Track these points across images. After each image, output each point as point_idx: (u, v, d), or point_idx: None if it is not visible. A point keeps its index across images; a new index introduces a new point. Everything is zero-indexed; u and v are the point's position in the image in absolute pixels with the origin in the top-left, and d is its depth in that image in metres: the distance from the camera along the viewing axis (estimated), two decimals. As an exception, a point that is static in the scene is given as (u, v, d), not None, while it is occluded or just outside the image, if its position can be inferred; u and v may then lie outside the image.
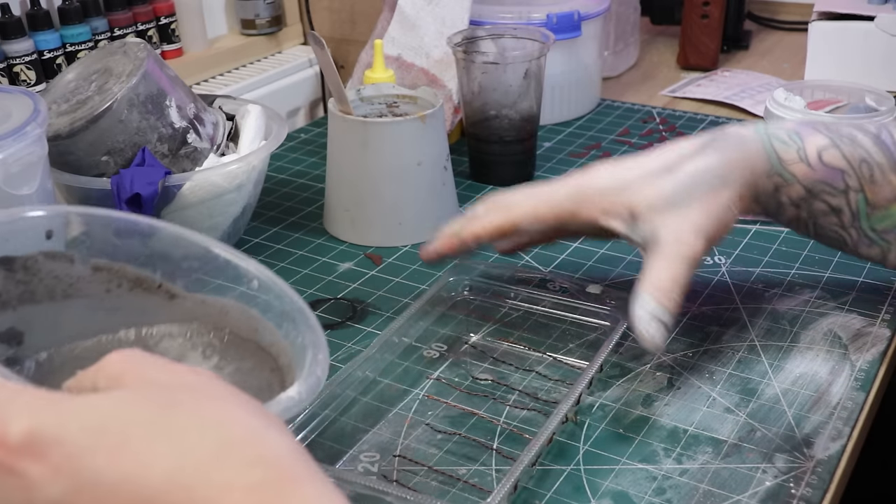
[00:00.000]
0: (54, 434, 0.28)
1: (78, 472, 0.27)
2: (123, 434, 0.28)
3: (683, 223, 0.51)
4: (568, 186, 0.54)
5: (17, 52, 0.75)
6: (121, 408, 0.29)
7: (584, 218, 0.53)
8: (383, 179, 0.69)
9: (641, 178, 0.52)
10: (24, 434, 0.28)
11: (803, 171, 0.53)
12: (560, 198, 0.54)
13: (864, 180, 0.53)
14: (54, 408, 0.29)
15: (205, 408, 0.29)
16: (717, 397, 0.53)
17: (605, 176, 0.54)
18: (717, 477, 0.47)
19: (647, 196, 0.52)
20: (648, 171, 0.53)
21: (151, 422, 0.28)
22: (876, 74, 0.94)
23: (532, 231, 0.55)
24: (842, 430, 0.50)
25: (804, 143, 0.54)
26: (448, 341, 0.58)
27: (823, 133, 0.54)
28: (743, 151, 0.53)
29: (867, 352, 0.56)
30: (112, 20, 0.82)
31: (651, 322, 0.49)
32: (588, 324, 0.58)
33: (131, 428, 0.28)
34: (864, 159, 0.53)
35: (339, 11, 0.99)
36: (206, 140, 0.66)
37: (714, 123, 0.93)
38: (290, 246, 0.72)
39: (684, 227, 0.51)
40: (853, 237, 0.55)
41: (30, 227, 0.42)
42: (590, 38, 0.93)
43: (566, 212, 0.54)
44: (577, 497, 0.46)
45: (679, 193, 0.51)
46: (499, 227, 0.55)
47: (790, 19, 1.22)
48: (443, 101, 0.71)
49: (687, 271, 0.50)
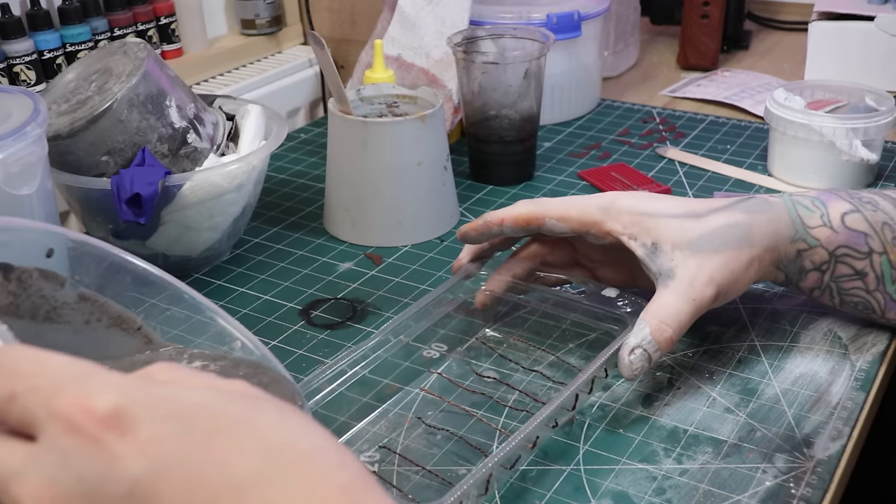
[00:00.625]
0: (143, 413, 0.28)
1: (164, 455, 0.28)
2: (213, 425, 0.28)
3: (701, 269, 0.52)
4: (600, 200, 0.56)
5: (17, 52, 0.75)
6: (208, 400, 0.29)
7: (607, 230, 0.55)
8: (383, 179, 0.69)
9: (671, 216, 0.54)
10: (113, 407, 0.28)
11: (827, 235, 0.54)
12: (590, 206, 0.56)
13: (887, 243, 0.54)
14: (143, 389, 0.29)
15: (284, 411, 0.30)
16: (717, 397, 0.53)
17: (638, 203, 0.55)
18: (717, 477, 0.47)
19: (673, 233, 0.53)
20: (678, 213, 0.54)
21: (239, 418, 0.29)
22: (876, 74, 0.94)
23: (556, 232, 0.57)
24: (842, 430, 0.50)
25: (828, 209, 0.55)
26: (448, 341, 0.58)
27: (846, 199, 0.56)
28: (769, 215, 0.54)
29: (867, 352, 0.56)
30: (112, 20, 0.82)
31: (637, 350, 0.50)
32: (597, 326, 0.58)
33: (220, 420, 0.29)
34: (886, 222, 0.55)
35: (339, 11, 0.99)
36: (206, 140, 0.66)
37: (714, 123, 0.93)
38: (290, 246, 0.72)
39: (701, 273, 0.52)
40: (880, 302, 0.56)
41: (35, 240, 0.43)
42: (590, 38, 0.93)
43: (593, 220, 0.55)
44: (577, 497, 0.46)
45: (703, 240, 0.53)
46: (526, 216, 0.57)
47: (790, 19, 1.22)
48: (443, 101, 0.71)
49: (692, 313, 0.52)
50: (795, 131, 0.76)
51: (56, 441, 0.28)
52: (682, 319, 0.51)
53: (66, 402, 0.28)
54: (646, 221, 0.54)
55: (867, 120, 0.74)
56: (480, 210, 0.77)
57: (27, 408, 0.29)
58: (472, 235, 0.59)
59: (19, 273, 0.41)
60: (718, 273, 0.52)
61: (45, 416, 0.28)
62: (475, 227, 0.58)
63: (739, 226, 0.53)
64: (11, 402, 0.29)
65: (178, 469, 0.27)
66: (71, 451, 0.27)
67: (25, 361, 0.30)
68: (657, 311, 0.51)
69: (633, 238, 0.54)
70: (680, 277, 0.52)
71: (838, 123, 0.74)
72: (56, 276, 0.42)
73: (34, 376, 0.29)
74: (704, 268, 0.52)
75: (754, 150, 0.86)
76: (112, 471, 0.27)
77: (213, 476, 0.28)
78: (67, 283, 0.43)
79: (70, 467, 0.27)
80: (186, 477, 0.27)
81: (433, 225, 0.72)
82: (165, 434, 0.28)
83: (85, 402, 0.28)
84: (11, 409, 0.29)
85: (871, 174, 0.77)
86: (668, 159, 0.85)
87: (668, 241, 0.53)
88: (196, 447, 0.28)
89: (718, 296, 0.52)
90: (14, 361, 0.30)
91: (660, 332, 0.51)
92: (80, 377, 0.29)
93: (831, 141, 0.74)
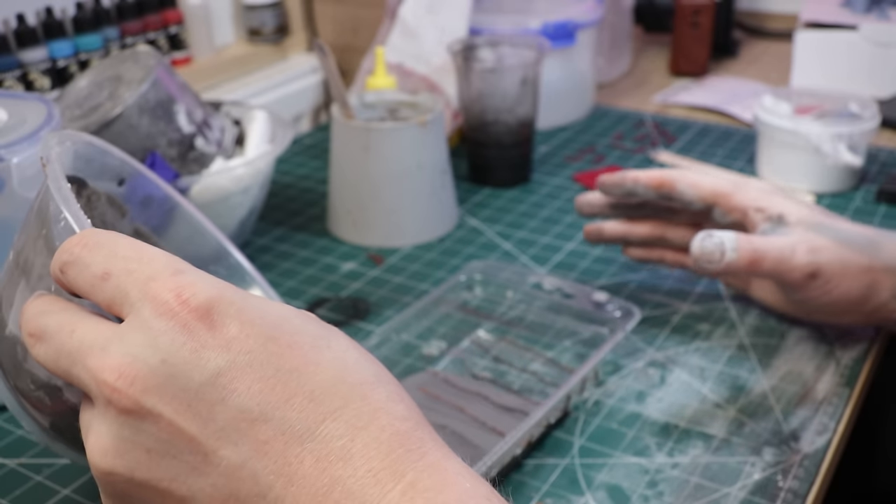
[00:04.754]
0: (234, 312, 0.29)
1: (248, 353, 0.28)
2: (293, 339, 0.29)
3: (812, 241, 0.51)
4: (733, 176, 0.57)
5: (31, 59, 0.76)
6: (291, 316, 0.30)
7: (734, 203, 0.55)
8: (385, 182, 0.70)
9: (803, 204, 0.54)
10: (207, 301, 0.29)
11: None
12: (723, 179, 0.56)
13: None
14: (235, 292, 0.30)
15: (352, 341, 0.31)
16: (708, 393, 0.53)
17: (770, 186, 0.56)
18: (707, 470, 0.47)
19: (802, 213, 0.53)
20: (811, 206, 0.55)
21: (317, 336, 0.30)
22: (859, 82, 0.95)
23: (685, 198, 0.57)
24: (827, 424, 0.51)
25: None
26: (448, 339, 0.59)
27: None
28: None
29: (852, 349, 0.57)
30: (123, 29, 0.83)
31: (716, 238, 0.51)
32: (588, 329, 0.59)
33: (300, 336, 0.30)
34: None
35: (342, 20, 0.99)
36: (214, 144, 0.67)
37: (705, 129, 0.94)
38: (295, 247, 0.72)
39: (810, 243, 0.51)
40: None
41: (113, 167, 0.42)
42: (584, 46, 0.94)
43: (723, 191, 0.56)
44: (572, 490, 0.46)
45: (828, 229, 0.53)
46: (660, 178, 0.57)
47: (777, 29, 1.23)
48: (442, 107, 0.72)
49: (779, 258, 0.51)
50: (783, 136, 0.77)
51: (147, 321, 0.28)
52: (768, 251, 0.51)
53: (162, 288, 0.28)
54: (777, 198, 0.54)
55: (851, 125, 0.75)
56: (480, 211, 0.77)
57: (120, 287, 0.29)
58: (606, 184, 0.59)
59: (90, 192, 0.41)
60: (827, 254, 0.51)
61: (139, 298, 0.29)
62: (612, 178, 0.59)
63: (868, 236, 0.53)
64: (105, 279, 0.29)
65: (258, 369, 0.28)
66: (161, 333, 0.28)
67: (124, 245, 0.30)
68: (752, 238, 0.51)
69: (759, 210, 0.54)
70: (789, 234, 0.52)
71: (824, 129, 0.75)
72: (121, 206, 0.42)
73: (131, 260, 0.29)
74: (816, 242, 0.51)
75: (743, 153, 0.87)
76: (197, 359, 0.28)
77: (290, 381, 0.28)
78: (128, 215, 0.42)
79: (157, 348, 0.28)
80: (265, 377, 0.28)
81: (433, 226, 0.73)
82: (251, 335, 0.29)
83: (182, 291, 0.28)
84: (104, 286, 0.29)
85: (856, 177, 0.78)
86: (660, 163, 0.86)
87: (795, 215, 0.53)
88: (277, 353, 0.29)
89: (815, 275, 0.51)
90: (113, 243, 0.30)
91: (747, 241, 0.50)
92: (176, 270, 0.29)
93: (817, 146, 0.75)
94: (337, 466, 0.28)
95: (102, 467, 0.29)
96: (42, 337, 0.30)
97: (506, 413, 0.51)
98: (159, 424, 0.28)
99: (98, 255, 0.30)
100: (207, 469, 0.28)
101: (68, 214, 0.32)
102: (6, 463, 0.49)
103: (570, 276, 0.67)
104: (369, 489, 0.27)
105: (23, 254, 0.35)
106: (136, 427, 0.28)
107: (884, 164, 0.83)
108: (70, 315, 0.30)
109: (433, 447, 0.29)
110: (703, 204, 0.57)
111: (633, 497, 0.46)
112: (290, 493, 0.28)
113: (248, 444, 0.28)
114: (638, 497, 0.46)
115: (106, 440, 0.29)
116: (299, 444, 0.28)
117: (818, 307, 0.54)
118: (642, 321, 0.61)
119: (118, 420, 0.28)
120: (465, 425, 0.50)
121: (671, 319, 0.61)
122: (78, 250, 0.30)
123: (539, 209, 0.78)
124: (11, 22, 0.75)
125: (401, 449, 0.28)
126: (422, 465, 0.28)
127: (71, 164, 0.40)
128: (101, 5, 0.81)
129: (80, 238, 0.31)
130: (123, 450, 0.28)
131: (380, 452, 0.28)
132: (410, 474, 0.28)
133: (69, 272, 0.30)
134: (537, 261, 0.69)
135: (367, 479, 0.27)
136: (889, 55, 0.94)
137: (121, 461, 0.29)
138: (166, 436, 0.28)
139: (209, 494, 0.28)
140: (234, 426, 0.28)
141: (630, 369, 0.56)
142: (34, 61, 0.76)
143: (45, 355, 0.30)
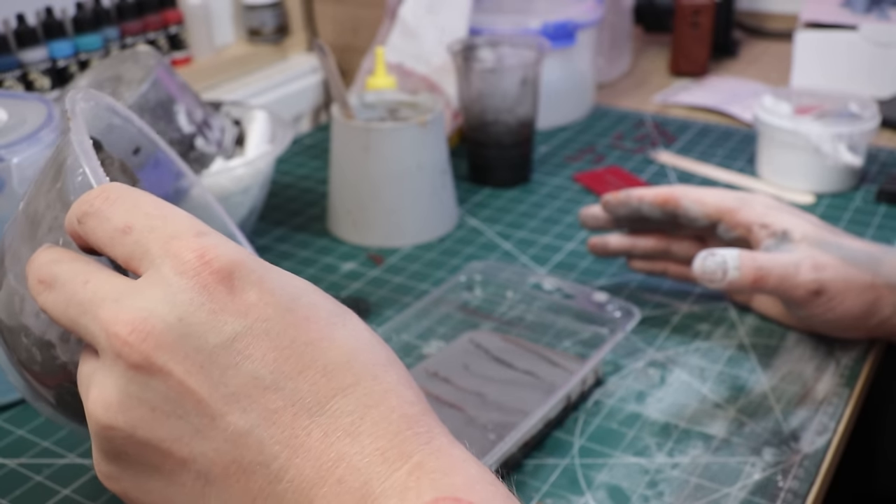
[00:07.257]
0: (254, 279, 0.29)
1: (265, 320, 0.28)
2: (313, 309, 0.29)
3: (816, 258, 0.52)
4: (738, 192, 0.57)
5: (31, 59, 0.76)
6: (309, 290, 0.30)
7: (739, 219, 0.55)
8: (385, 182, 0.70)
9: (808, 220, 0.55)
10: (229, 264, 0.28)
11: None
12: (728, 195, 0.57)
13: None
14: (256, 260, 0.29)
15: (365, 325, 0.31)
16: (708, 393, 0.54)
17: (776, 202, 0.56)
18: (707, 470, 0.47)
19: (806, 229, 0.54)
20: (815, 222, 0.55)
21: (333, 313, 0.30)
22: (859, 82, 0.95)
23: (690, 215, 0.57)
24: (827, 424, 0.51)
25: None
26: (448, 339, 0.59)
27: None
28: None
29: (852, 349, 0.57)
30: (123, 29, 0.83)
31: (718, 256, 0.51)
32: (588, 330, 0.59)
33: (316, 311, 0.29)
34: None
35: (342, 20, 0.99)
36: (214, 144, 0.67)
37: (705, 129, 0.94)
38: (295, 247, 0.73)
39: (814, 260, 0.51)
40: None
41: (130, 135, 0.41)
42: (584, 47, 0.94)
43: (728, 207, 0.56)
44: (572, 490, 0.47)
45: (832, 245, 0.53)
46: (665, 195, 0.58)
47: (777, 29, 1.23)
48: (442, 107, 0.72)
49: (783, 275, 0.51)
50: (783, 136, 0.77)
51: (167, 278, 0.28)
52: (773, 268, 0.51)
53: (185, 247, 0.28)
54: (782, 214, 0.54)
55: (851, 125, 0.75)
56: (480, 211, 0.77)
57: (141, 242, 0.28)
58: (611, 204, 0.60)
59: (104, 157, 0.40)
60: (831, 271, 0.51)
61: (160, 254, 0.28)
62: (616, 196, 0.59)
63: (871, 253, 0.53)
64: (126, 233, 0.29)
65: (274, 338, 0.28)
66: (180, 291, 0.27)
67: (147, 202, 0.29)
68: (755, 254, 0.51)
69: (764, 227, 0.54)
70: (793, 251, 0.52)
71: (824, 129, 0.75)
72: (133, 174, 0.42)
73: (154, 217, 0.29)
74: (820, 259, 0.51)
75: (743, 153, 0.87)
76: (214, 321, 0.27)
77: (305, 353, 0.28)
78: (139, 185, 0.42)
79: (174, 305, 0.27)
80: (280, 347, 0.28)
81: (433, 226, 0.73)
82: (269, 303, 0.28)
83: (205, 252, 0.28)
84: (124, 239, 0.29)
85: (856, 177, 0.79)
86: (660, 163, 0.86)
87: (799, 232, 0.53)
88: (293, 324, 0.28)
89: (819, 292, 0.51)
90: (135, 199, 0.29)
91: (750, 258, 0.51)
92: (199, 232, 0.29)
93: (817, 146, 0.75)
94: (344, 442, 0.28)
95: (104, 421, 0.28)
96: (52, 284, 0.30)
97: (505, 413, 0.51)
98: (168, 383, 0.27)
99: (120, 208, 0.29)
100: (212, 433, 0.28)
101: (87, 169, 0.31)
102: (6, 463, 0.49)
103: (570, 276, 0.67)
104: (376, 467, 0.27)
105: (32, 204, 0.34)
106: (143, 383, 0.28)
107: (884, 164, 0.83)
108: (84, 265, 0.30)
109: (440, 433, 0.29)
110: (708, 220, 0.57)
111: (633, 497, 0.46)
112: (294, 464, 0.27)
113: (256, 411, 0.28)
114: (638, 497, 0.46)
115: (110, 394, 0.28)
116: (308, 417, 0.28)
117: (822, 323, 0.55)
118: (642, 321, 0.61)
119: (126, 375, 0.28)
120: (464, 425, 0.50)
121: (671, 319, 0.61)
122: (99, 203, 0.30)
123: (539, 209, 0.78)
124: (11, 22, 0.76)
125: (409, 431, 0.28)
126: (429, 449, 0.28)
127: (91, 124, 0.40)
128: (101, 5, 0.81)
129: (101, 191, 0.30)
130: (128, 405, 0.28)
131: (388, 432, 0.28)
132: (417, 455, 0.28)
133: (88, 223, 0.30)
134: (537, 261, 0.69)
135: (375, 457, 0.27)
136: (889, 55, 0.94)
137: (123, 417, 0.28)
138: (174, 395, 0.28)
139: (211, 459, 0.28)
140: (245, 392, 0.28)
141: (630, 369, 0.56)
142: (34, 61, 0.76)
143: (53, 303, 0.30)
